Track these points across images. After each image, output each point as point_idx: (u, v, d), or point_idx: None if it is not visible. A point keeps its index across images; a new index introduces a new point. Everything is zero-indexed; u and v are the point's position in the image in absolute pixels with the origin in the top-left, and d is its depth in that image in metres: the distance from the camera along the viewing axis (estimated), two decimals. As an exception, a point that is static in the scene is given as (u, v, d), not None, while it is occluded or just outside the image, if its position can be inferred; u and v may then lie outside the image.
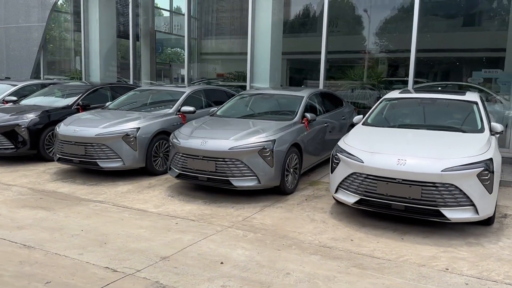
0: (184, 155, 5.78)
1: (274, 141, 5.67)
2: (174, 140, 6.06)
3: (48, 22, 14.74)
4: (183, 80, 13.45)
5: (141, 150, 6.75)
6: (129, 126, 6.76)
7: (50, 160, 7.97)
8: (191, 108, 7.64)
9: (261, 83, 11.25)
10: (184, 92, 8.12)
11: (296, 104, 6.84)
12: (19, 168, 7.41)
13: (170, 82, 16.31)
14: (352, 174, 4.76)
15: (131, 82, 13.49)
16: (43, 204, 5.47)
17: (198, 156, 5.65)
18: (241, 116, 7.01)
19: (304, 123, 6.49)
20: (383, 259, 3.94)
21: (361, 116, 6.23)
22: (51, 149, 8.00)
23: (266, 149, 5.56)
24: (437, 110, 6.07)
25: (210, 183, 5.68)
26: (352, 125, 6.47)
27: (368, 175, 4.61)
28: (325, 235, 4.52)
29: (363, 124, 5.92)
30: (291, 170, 6.07)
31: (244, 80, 11.76)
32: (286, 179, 5.91)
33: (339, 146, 5.16)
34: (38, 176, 6.88)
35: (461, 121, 5.69)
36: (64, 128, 6.87)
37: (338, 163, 4.97)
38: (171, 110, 7.58)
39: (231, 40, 15.92)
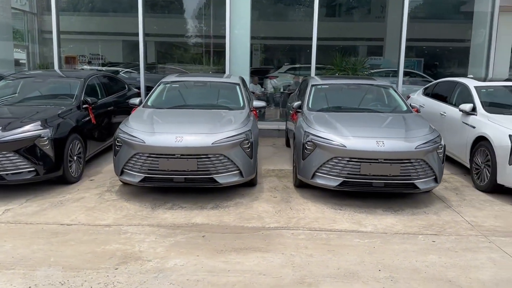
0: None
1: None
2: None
3: None
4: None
5: (254, 157, 5.40)
6: (239, 128, 5.31)
7: (73, 181, 5.69)
8: (263, 103, 6.47)
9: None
10: (238, 84, 6.77)
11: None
12: (74, 200, 5.07)
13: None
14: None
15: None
16: (226, 244, 3.89)
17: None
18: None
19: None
20: None
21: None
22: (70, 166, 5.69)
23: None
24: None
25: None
26: None
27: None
28: None
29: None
30: None
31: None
32: None
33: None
34: (120, 209, 4.79)
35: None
36: (157, 138, 4.97)
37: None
38: (246, 107, 6.20)
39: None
